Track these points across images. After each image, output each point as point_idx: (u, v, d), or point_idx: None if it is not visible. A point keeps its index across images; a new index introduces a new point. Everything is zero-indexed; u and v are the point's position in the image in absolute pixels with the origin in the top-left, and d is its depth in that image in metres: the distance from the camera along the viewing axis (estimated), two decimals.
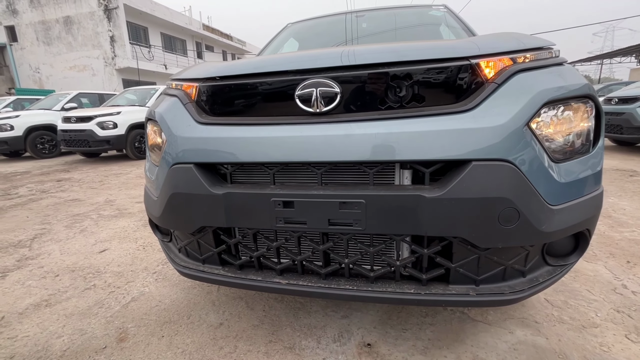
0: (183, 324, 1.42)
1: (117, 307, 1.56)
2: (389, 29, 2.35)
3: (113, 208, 3.33)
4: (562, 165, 0.92)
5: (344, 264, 1.02)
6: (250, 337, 1.33)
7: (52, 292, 1.72)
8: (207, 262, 1.19)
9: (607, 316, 1.39)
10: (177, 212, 1.09)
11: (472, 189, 0.83)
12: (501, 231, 0.86)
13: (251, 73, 1.03)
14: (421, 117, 0.89)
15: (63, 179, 5.05)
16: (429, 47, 0.95)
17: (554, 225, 0.89)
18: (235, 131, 1.01)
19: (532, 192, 0.86)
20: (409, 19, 2.40)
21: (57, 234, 2.62)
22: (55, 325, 1.44)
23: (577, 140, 0.96)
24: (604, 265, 1.83)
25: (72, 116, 6.63)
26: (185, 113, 1.11)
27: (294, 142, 0.94)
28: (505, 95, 0.88)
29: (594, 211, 0.98)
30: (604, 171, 4.38)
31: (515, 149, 0.85)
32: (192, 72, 1.22)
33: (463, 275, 0.96)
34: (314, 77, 0.95)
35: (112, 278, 1.85)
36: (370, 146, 0.88)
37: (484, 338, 1.28)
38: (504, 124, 0.85)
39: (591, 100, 0.98)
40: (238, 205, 0.99)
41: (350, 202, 0.89)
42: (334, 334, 1.33)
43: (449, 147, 0.85)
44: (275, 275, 1.09)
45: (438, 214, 0.85)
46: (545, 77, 0.93)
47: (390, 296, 0.97)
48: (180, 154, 1.06)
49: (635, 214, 2.65)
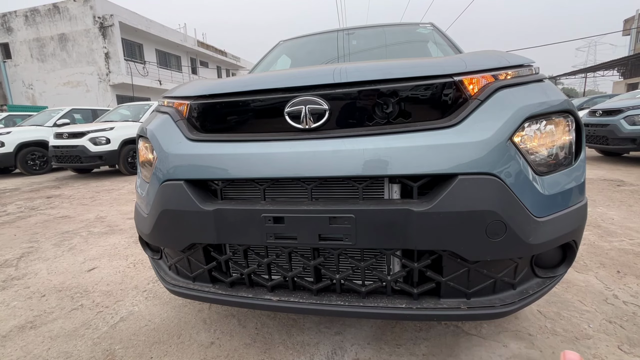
0: (173, 344, 1.39)
1: (104, 327, 1.52)
2: (378, 46, 2.41)
3: (104, 225, 3.28)
4: (546, 178, 0.95)
5: (335, 280, 1.02)
6: (242, 356, 1.30)
7: (38, 314, 1.67)
8: (198, 279, 1.18)
9: (600, 327, 1.39)
10: (167, 229, 1.08)
11: (459, 203, 0.85)
12: (489, 244, 0.87)
13: (241, 91, 1.05)
14: (408, 133, 0.91)
15: (53, 196, 4.98)
16: (414, 65, 0.98)
17: (540, 237, 0.90)
18: (226, 147, 1.02)
19: (518, 205, 0.88)
20: (397, 36, 2.47)
21: (45, 252, 2.56)
22: (40, 348, 1.39)
23: (559, 153, 0.99)
24: (595, 275, 1.84)
25: (64, 132, 6.59)
26: (176, 130, 1.12)
27: (284, 158, 0.95)
28: (488, 111, 0.91)
29: (580, 222, 1.00)
30: (592, 181, 4.46)
31: (500, 163, 0.87)
32: (183, 90, 1.23)
33: (454, 289, 0.96)
34: (302, 94, 0.97)
35: (100, 297, 1.81)
36: (359, 161, 0.90)
37: (479, 352, 1.27)
38: (488, 138, 0.87)
39: (571, 115, 1.02)
40: (228, 222, 0.99)
41: (340, 217, 0.90)
42: (327, 351, 1.31)
43: (435, 161, 0.87)
44: (266, 292, 1.08)
45: (426, 228, 0.86)
46: (527, 93, 0.97)
47: (383, 311, 0.96)
48: (170, 171, 1.06)
49: (623, 223, 2.69)
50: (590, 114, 6.52)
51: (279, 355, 1.30)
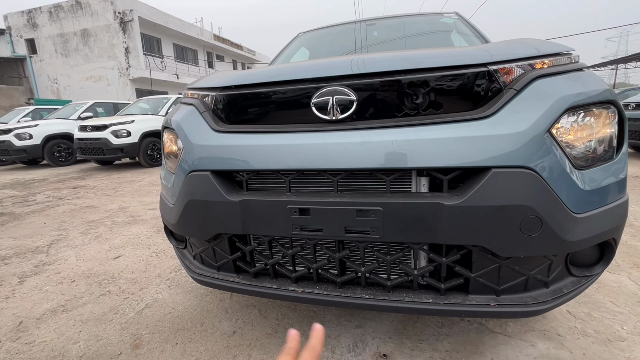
0: (196, 332, 1.42)
1: (131, 313, 1.57)
2: (399, 37, 2.35)
3: (126, 215, 3.38)
4: (586, 172, 0.90)
5: (360, 273, 1.01)
6: (263, 345, 1.32)
7: (69, 298, 1.74)
8: (222, 269, 1.19)
9: (634, 329, 1.33)
10: (194, 219, 1.10)
11: (493, 197, 0.82)
12: (523, 240, 0.84)
13: (267, 82, 1.05)
14: (439, 124, 0.88)
15: (79, 186, 5.17)
16: (446, 54, 0.95)
17: (578, 234, 0.86)
18: (252, 139, 1.01)
19: (555, 200, 0.84)
20: (420, 26, 2.40)
21: (73, 240, 2.67)
22: (72, 330, 1.46)
23: (599, 146, 0.94)
24: (628, 276, 1.76)
25: (87, 125, 6.81)
26: (202, 121, 1.13)
27: (310, 149, 0.94)
28: (525, 102, 0.87)
29: (620, 220, 0.95)
30: None
31: (537, 156, 0.83)
32: (208, 81, 1.24)
33: (483, 285, 0.94)
34: (330, 85, 0.96)
35: (126, 284, 1.87)
36: (387, 153, 0.88)
37: (504, 351, 1.24)
38: (524, 130, 0.84)
39: (613, 106, 0.96)
40: (254, 213, 0.99)
41: (367, 210, 0.89)
42: (349, 343, 1.31)
43: (467, 154, 0.84)
44: (290, 283, 1.08)
45: (457, 222, 0.84)
46: (566, 83, 0.92)
47: (408, 306, 0.95)
48: (197, 162, 1.07)
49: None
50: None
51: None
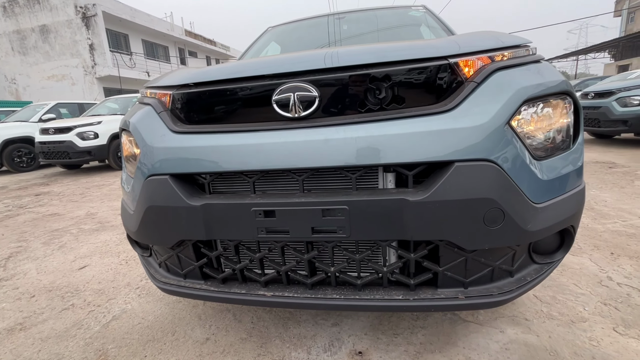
0: (167, 342, 1.36)
1: (96, 327, 1.49)
2: (370, 31, 2.34)
3: (94, 221, 3.21)
4: (544, 163, 0.92)
5: (330, 273, 0.99)
6: (238, 351, 1.28)
7: (27, 315, 1.63)
8: (189, 276, 1.14)
9: (595, 310, 1.40)
10: (154, 226, 1.04)
11: (456, 191, 0.82)
12: (487, 232, 0.84)
13: (225, 79, 1.00)
14: (402, 119, 0.87)
15: (42, 193, 4.87)
16: (407, 48, 0.93)
17: (539, 224, 0.88)
18: (212, 139, 0.97)
19: (516, 191, 0.85)
20: (389, 20, 2.40)
21: (34, 251, 2.50)
22: (30, 350, 1.36)
23: (557, 136, 0.96)
24: (589, 258, 1.85)
25: (50, 127, 6.42)
26: (160, 122, 1.06)
27: (273, 148, 0.90)
28: (485, 94, 0.87)
29: (578, 207, 0.98)
30: (585, 164, 4.49)
31: (498, 148, 0.84)
32: (166, 79, 1.17)
33: (451, 279, 0.94)
34: (290, 81, 0.92)
35: (92, 296, 1.77)
36: (351, 150, 0.86)
37: (476, 339, 1.27)
38: (485, 123, 0.84)
39: (569, 97, 0.98)
40: (217, 217, 0.95)
41: (334, 209, 0.87)
42: (325, 343, 1.29)
43: (430, 148, 0.83)
44: (260, 288, 1.05)
45: (423, 218, 0.83)
46: (524, 75, 0.93)
47: (379, 303, 0.94)
48: (155, 165, 1.01)
49: (616, 205, 2.71)
50: (583, 97, 6.53)
51: (276, 349, 1.28)
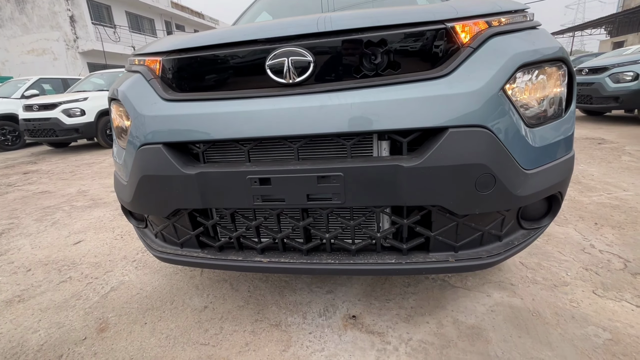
0: (166, 310, 1.40)
1: (95, 297, 1.52)
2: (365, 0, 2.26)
3: (87, 198, 3.19)
4: (536, 130, 0.93)
5: (325, 239, 1.01)
6: (235, 317, 1.32)
7: (25, 288, 1.64)
8: (186, 245, 1.16)
9: (577, 274, 1.47)
10: (149, 196, 1.04)
11: (450, 157, 0.83)
12: (478, 197, 0.86)
13: (217, 44, 0.97)
14: (397, 85, 0.86)
15: (30, 171, 4.77)
16: (403, 12, 0.91)
17: (528, 189, 0.90)
18: (205, 107, 0.95)
19: (507, 158, 0.86)
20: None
21: (27, 228, 2.49)
22: (30, 320, 1.38)
23: (550, 105, 0.97)
24: (574, 228, 1.92)
25: (34, 104, 6.19)
26: (150, 90, 1.04)
27: (267, 116, 0.90)
28: (480, 60, 0.87)
29: (566, 174, 1.01)
30: (575, 140, 4.55)
31: (491, 115, 0.84)
32: (155, 45, 1.13)
33: (442, 243, 0.97)
34: (284, 46, 0.90)
35: (89, 269, 1.79)
36: (347, 117, 0.86)
37: (464, 303, 1.33)
38: (479, 89, 0.84)
39: (564, 64, 0.98)
40: (213, 185, 0.95)
41: (329, 176, 0.87)
42: (320, 308, 1.34)
43: (425, 114, 0.83)
44: (256, 255, 1.07)
45: (416, 183, 0.85)
46: (520, 41, 0.92)
47: (373, 267, 0.97)
48: (147, 134, 1.00)
49: (602, 179, 2.78)
50: (577, 73, 6.51)
51: (273, 315, 1.33)
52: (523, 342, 1.11)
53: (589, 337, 1.11)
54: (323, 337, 1.19)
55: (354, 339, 1.17)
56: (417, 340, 1.15)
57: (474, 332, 1.17)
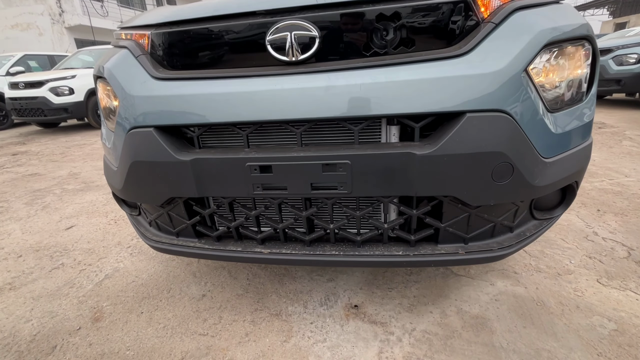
0: (163, 299, 1.36)
1: (89, 285, 1.47)
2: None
3: (78, 181, 3.09)
4: (558, 115, 0.87)
5: (329, 230, 0.96)
6: (235, 306, 1.29)
7: (16, 275, 1.59)
8: (182, 234, 1.10)
9: (580, 262, 1.45)
10: (141, 183, 0.97)
11: (466, 144, 0.77)
12: (494, 188, 0.81)
13: (212, 16, 0.87)
14: (411, 64, 0.78)
15: (19, 152, 4.63)
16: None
17: (546, 179, 0.85)
18: (199, 87, 0.87)
19: (527, 145, 0.80)
20: None
21: (17, 212, 2.41)
22: (22, 309, 1.34)
23: (573, 87, 0.90)
24: (577, 214, 1.90)
25: (20, 81, 5.94)
26: (139, 67, 0.95)
27: (268, 97, 0.82)
28: (503, 37, 0.79)
29: (584, 162, 0.96)
30: None
31: (512, 98, 0.78)
32: (143, 18, 1.03)
33: (452, 235, 0.93)
34: (286, 18, 0.81)
35: (82, 255, 1.74)
36: (354, 99, 0.78)
37: (467, 292, 1.31)
38: (501, 69, 0.77)
39: (589, 43, 0.91)
40: (209, 173, 0.88)
41: (335, 164, 0.81)
42: (321, 297, 1.32)
43: (442, 97, 0.76)
44: (256, 245, 1.02)
45: (430, 173, 0.79)
46: (545, 16, 0.84)
47: (379, 259, 0.93)
48: (137, 117, 0.92)
49: (604, 164, 2.75)
50: None
51: (273, 303, 1.30)
52: (528, 332, 1.10)
53: (594, 328, 1.10)
54: (325, 327, 1.16)
55: (356, 329, 1.15)
56: (420, 331, 1.13)
57: (479, 322, 1.15)
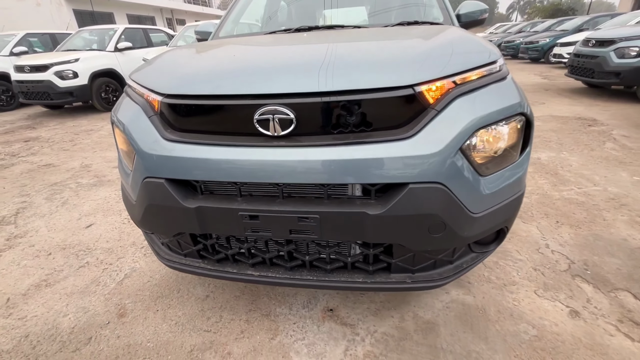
0: (174, 298, 1.65)
1: (112, 284, 1.76)
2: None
3: (91, 175, 3.35)
4: (488, 178, 1.08)
5: (305, 260, 1.21)
6: (233, 307, 1.58)
7: (49, 272, 1.89)
8: (188, 255, 1.36)
9: (526, 274, 1.71)
10: (155, 220, 1.21)
11: (408, 207, 0.99)
12: (431, 239, 1.04)
13: (210, 94, 1.07)
14: (368, 144, 0.98)
15: (31, 139, 4.86)
16: (374, 74, 1.01)
17: (475, 231, 1.08)
18: (201, 151, 1.08)
19: (458, 207, 1.02)
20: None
21: (39, 207, 2.69)
22: (59, 304, 1.64)
23: (505, 154, 1.10)
24: (537, 225, 2.13)
25: (25, 65, 6.05)
26: (151, 127, 1.15)
27: (255, 164, 1.03)
28: (442, 122, 0.98)
29: (513, 212, 1.18)
30: (567, 120, 4.61)
31: (447, 172, 0.98)
32: (152, 80, 1.22)
33: (402, 267, 1.18)
34: (270, 103, 1.01)
35: (103, 255, 2.02)
36: (324, 170, 0.99)
37: (425, 299, 1.58)
38: (438, 151, 0.97)
39: (523, 116, 1.10)
40: (209, 217, 1.12)
41: (307, 217, 1.04)
42: (304, 301, 1.60)
43: (391, 173, 0.97)
44: (248, 268, 1.28)
45: (379, 227, 1.02)
46: (483, 100, 1.03)
47: (343, 285, 1.19)
48: (151, 169, 1.14)
49: (579, 170, 2.94)
50: (584, 44, 6.30)
51: (264, 305, 1.58)
52: (466, 336, 1.37)
53: (518, 334, 1.37)
54: (304, 327, 1.45)
55: (329, 329, 1.44)
56: (380, 333, 1.41)
57: (429, 326, 1.43)
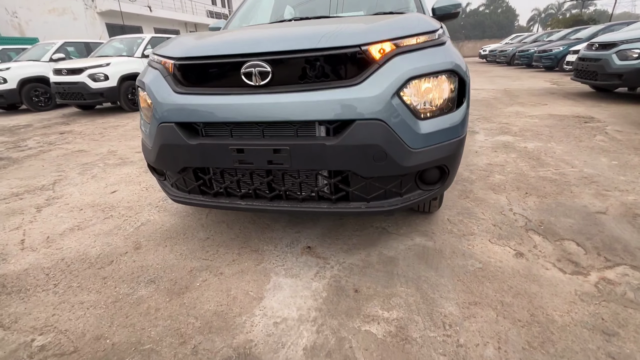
0: (180, 239, 1.97)
1: (131, 229, 2.11)
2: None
3: (116, 157, 3.79)
4: (424, 122, 1.35)
5: (281, 191, 1.51)
6: (228, 245, 1.88)
7: (81, 221, 2.26)
8: (191, 192, 1.69)
9: (485, 229, 1.93)
10: (166, 157, 1.55)
11: (356, 138, 1.28)
12: (376, 166, 1.32)
13: (210, 55, 1.41)
14: (326, 90, 1.29)
15: (65, 132, 5.42)
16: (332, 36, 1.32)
17: (413, 162, 1.35)
18: (202, 99, 1.41)
19: (397, 140, 1.30)
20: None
21: (73, 179, 3.12)
22: (89, 241, 2.00)
23: (438, 103, 1.38)
24: (507, 196, 2.34)
25: (62, 68, 6.74)
26: (165, 84, 1.50)
27: (242, 107, 1.35)
28: (382, 73, 1.28)
29: (450, 152, 1.43)
30: (564, 118, 4.74)
31: (386, 112, 1.27)
32: (167, 50, 1.58)
33: (358, 196, 1.45)
34: (252, 59, 1.33)
35: (124, 211, 2.39)
36: (293, 110, 1.30)
37: (391, 243, 1.83)
38: (378, 94, 1.26)
39: (455, 74, 1.38)
40: (208, 152, 1.44)
41: (280, 149, 1.34)
42: (288, 241, 1.88)
43: (343, 111, 1.27)
44: (238, 199, 1.59)
45: (335, 155, 1.31)
46: (417, 58, 1.32)
47: (312, 210, 1.47)
48: (164, 115, 1.48)
49: (561, 156, 3.11)
50: (588, 48, 6.42)
51: (254, 244, 1.88)
52: (420, 267, 1.62)
53: (466, 266, 1.60)
54: (285, 258, 1.73)
55: (306, 260, 1.71)
56: (348, 263, 1.67)
57: (390, 260, 1.68)
